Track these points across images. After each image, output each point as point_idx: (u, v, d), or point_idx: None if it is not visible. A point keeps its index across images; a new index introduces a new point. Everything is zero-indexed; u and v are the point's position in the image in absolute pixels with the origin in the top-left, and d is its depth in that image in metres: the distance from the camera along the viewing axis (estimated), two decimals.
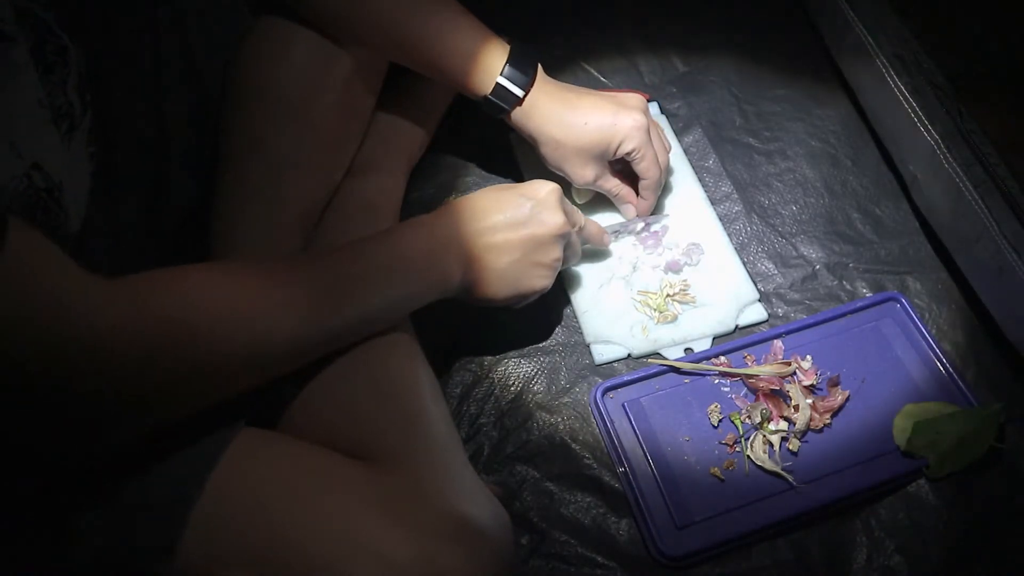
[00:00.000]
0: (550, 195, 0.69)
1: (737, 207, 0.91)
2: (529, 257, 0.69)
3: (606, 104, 0.78)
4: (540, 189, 0.70)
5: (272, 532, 0.52)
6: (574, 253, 0.76)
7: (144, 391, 0.48)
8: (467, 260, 0.67)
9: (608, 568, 0.70)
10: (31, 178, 0.48)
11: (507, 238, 0.67)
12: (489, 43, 0.75)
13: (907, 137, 0.85)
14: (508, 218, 0.68)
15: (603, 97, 0.79)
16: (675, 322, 0.81)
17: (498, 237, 0.67)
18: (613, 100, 0.79)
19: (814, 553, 0.71)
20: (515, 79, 0.75)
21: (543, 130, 0.77)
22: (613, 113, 0.77)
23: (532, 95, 0.76)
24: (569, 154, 0.78)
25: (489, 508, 0.59)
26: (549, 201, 0.69)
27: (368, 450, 0.59)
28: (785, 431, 0.74)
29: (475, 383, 0.79)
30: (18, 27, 0.47)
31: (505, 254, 0.68)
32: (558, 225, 0.69)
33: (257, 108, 0.72)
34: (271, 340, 0.55)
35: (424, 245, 0.65)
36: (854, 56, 0.93)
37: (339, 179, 0.79)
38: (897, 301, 0.82)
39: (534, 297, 0.72)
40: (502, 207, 0.68)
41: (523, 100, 0.76)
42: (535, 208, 0.68)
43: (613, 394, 0.77)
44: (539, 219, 0.68)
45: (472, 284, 0.68)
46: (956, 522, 0.72)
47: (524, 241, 0.68)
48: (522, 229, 0.68)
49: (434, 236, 0.66)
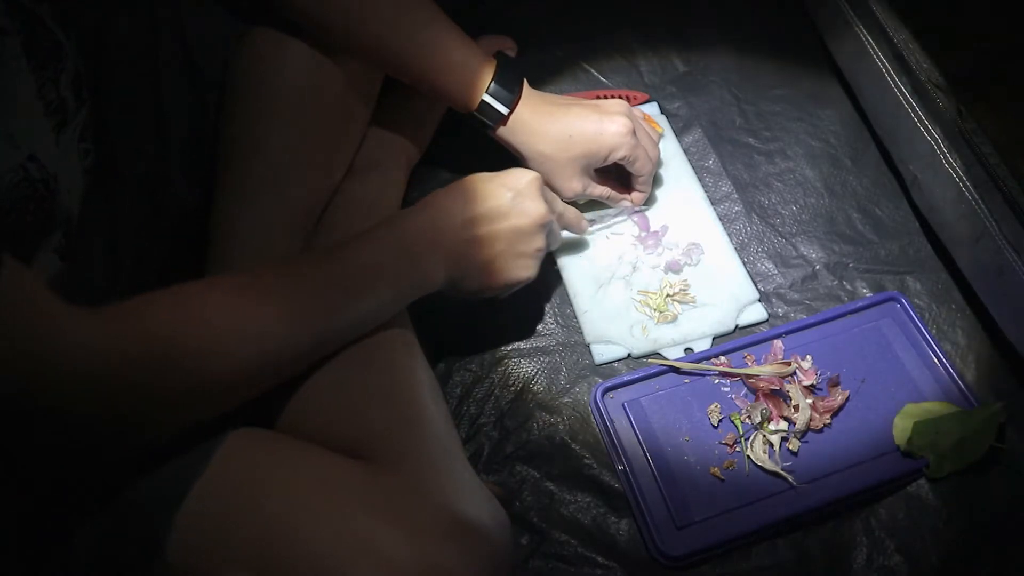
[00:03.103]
0: (531, 184, 0.69)
1: (737, 207, 0.91)
2: (513, 248, 0.68)
3: (590, 114, 0.78)
4: (520, 178, 0.69)
5: (271, 532, 0.52)
6: (555, 239, 0.76)
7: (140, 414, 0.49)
8: (451, 255, 0.66)
9: (608, 568, 0.70)
10: (27, 169, 0.48)
11: (490, 230, 0.67)
12: (475, 60, 0.75)
13: (907, 137, 0.85)
14: (489, 209, 0.67)
15: (587, 107, 0.79)
16: (675, 322, 0.81)
17: (481, 230, 0.67)
18: (596, 109, 0.79)
19: (814, 553, 0.71)
20: (500, 96, 0.75)
21: (529, 145, 0.78)
22: (597, 122, 0.77)
23: (517, 111, 0.76)
24: (556, 167, 0.79)
25: (488, 508, 0.59)
26: (530, 190, 0.69)
27: (367, 450, 0.59)
28: (785, 431, 0.74)
29: (475, 383, 0.79)
30: (10, 20, 0.48)
31: (488, 247, 0.67)
32: (540, 215, 0.69)
33: (257, 108, 0.72)
34: (262, 355, 0.55)
35: (407, 243, 0.65)
36: (854, 56, 0.93)
37: (339, 179, 0.79)
38: (897, 301, 0.82)
39: (519, 286, 0.72)
40: (483, 198, 0.67)
41: (508, 117, 0.76)
42: (516, 198, 0.68)
43: (613, 394, 0.77)
44: (521, 209, 0.68)
45: (457, 278, 0.67)
46: (956, 522, 0.72)
47: (507, 232, 0.68)
48: (504, 220, 0.67)
49: (416, 233, 0.65)
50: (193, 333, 0.51)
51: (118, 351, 0.46)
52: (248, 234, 0.71)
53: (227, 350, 0.53)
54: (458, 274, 0.67)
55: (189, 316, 0.52)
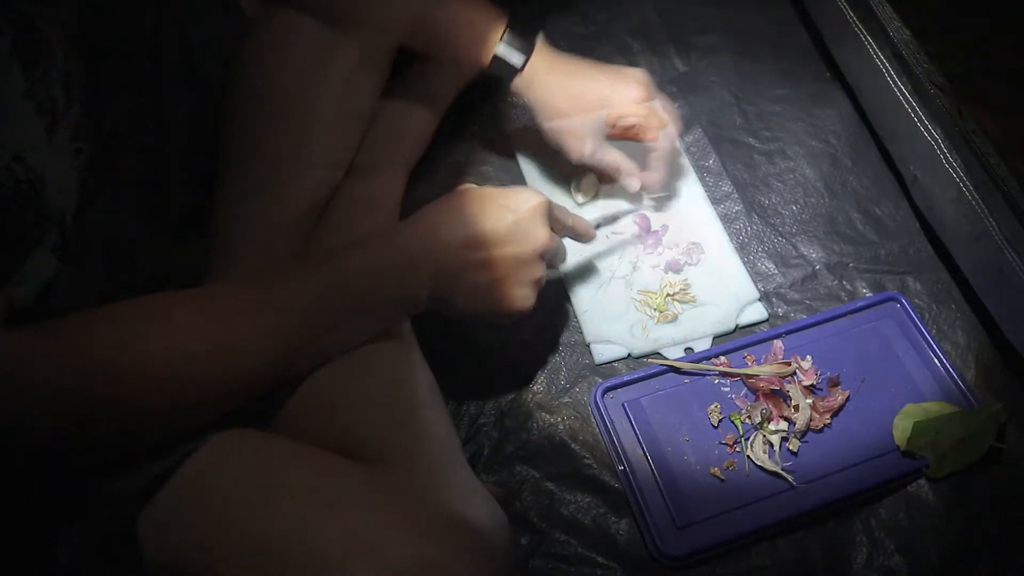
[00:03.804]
0: (535, 208, 0.64)
1: (737, 207, 0.91)
2: (509, 277, 0.63)
3: (606, 75, 0.78)
4: (525, 201, 0.63)
5: (270, 532, 0.52)
6: (562, 257, 0.73)
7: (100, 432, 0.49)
8: (440, 277, 0.61)
9: (608, 568, 0.70)
10: (12, 170, 0.48)
11: (487, 256, 0.61)
12: (487, 15, 0.74)
13: (907, 137, 0.85)
14: (488, 232, 0.61)
15: (605, 68, 0.79)
16: (675, 322, 0.81)
17: (478, 254, 0.61)
18: (615, 71, 0.79)
19: (814, 553, 0.71)
20: (513, 47, 0.75)
21: (543, 100, 0.77)
22: (611, 84, 0.77)
23: (532, 64, 0.76)
24: (568, 125, 0.78)
25: (487, 508, 0.59)
26: (534, 215, 0.64)
27: (367, 451, 0.59)
28: (785, 431, 0.74)
29: (475, 383, 0.79)
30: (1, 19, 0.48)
31: (482, 272, 0.62)
32: (542, 243, 0.64)
33: (257, 108, 0.72)
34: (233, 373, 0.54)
35: (396, 259, 0.60)
36: (854, 56, 0.93)
37: (339, 179, 0.79)
38: (897, 301, 0.82)
39: (516, 319, 0.66)
40: (482, 218, 0.62)
41: (522, 69, 0.76)
42: (519, 223, 0.62)
43: (613, 394, 0.77)
44: (522, 235, 0.62)
45: (443, 301, 0.63)
46: (956, 522, 0.72)
47: (504, 259, 0.62)
48: (503, 246, 0.62)
49: (407, 249, 0.61)
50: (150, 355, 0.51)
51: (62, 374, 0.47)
52: (248, 234, 0.71)
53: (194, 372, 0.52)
54: (444, 296, 0.62)
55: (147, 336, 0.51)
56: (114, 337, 0.50)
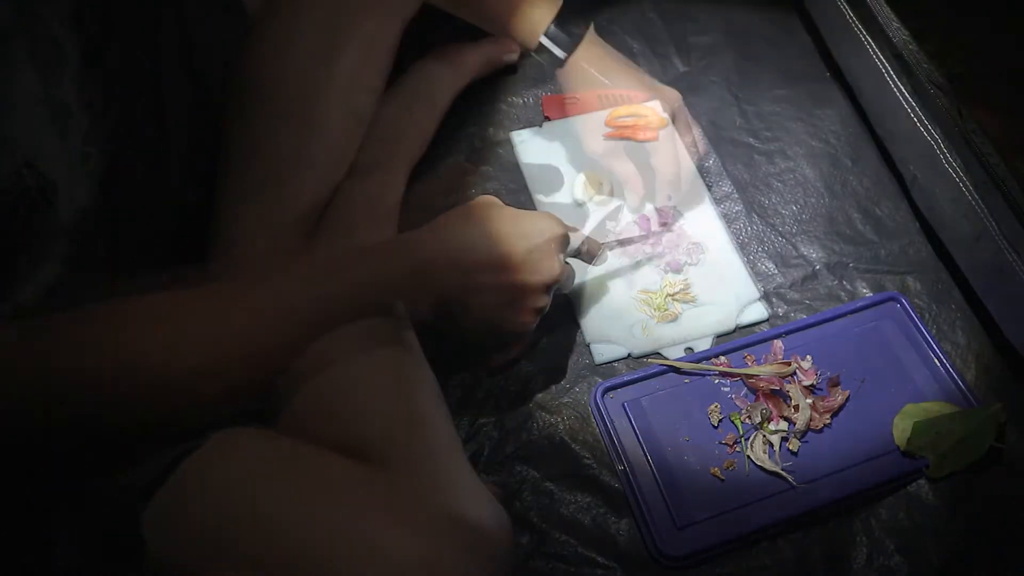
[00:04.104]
0: (550, 241, 0.63)
1: (737, 207, 0.91)
2: (515, 303, 0.63)
3: (640, 88, 0.79)
4: (541, 232, 0.62)
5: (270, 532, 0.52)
6: (570, 282, 0.72)
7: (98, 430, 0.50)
8: (447, 294, 0.61)
9: (608, 568, 0.70)
10: (21, 176, 0.48)
11: (496, 281, 0.61)
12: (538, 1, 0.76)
13: (907, 137, 0.85)
14: (502, 258, 0.60)
15: (642, 81, 0.80)
16: (676, 321, 0.81)
17: (488, 278, 0.61)
18: (651, 87, 0.80)
19: (814, 553, 0.71)
20: (558, 41, 0.76)
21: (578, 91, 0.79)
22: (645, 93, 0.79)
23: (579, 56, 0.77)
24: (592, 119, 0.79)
25: (489, 508, 0.59)
26: (548, 247, 0.63)
27: (368, 450, 0.59)
28: (785, 431, 0.74)
29: (475, 383, 0.79)
30: (16, 24, 0.48)
31: (489, 296, 0.62)
32: (553, 276, 0.64)
33: (257, 108, 0.72)
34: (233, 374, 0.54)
35: (405, 271, 0.60)
36: (854, 57, 0.93)
37: (339, 179, 0.79)
38: (897, 301, 0.82)
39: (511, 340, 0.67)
40: (498, 242, 0.61)
41: (565, 61, 0.77)
42: (532, 252, 0.62)
43: (613, 394, 0.77)
44: (534, 265, 0.62)
45: (445, 316, 0.62)
46: (956, 522, 0.72)
47: (513, 287, 0.62)
48: (514, 274, 0.61)
49: (417, 262, 0.60)
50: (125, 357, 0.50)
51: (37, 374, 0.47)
52: (248, 234, 0.71)
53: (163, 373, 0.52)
54: (447, 310, 0.62)
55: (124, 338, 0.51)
56: (113, 336, 0.50)
